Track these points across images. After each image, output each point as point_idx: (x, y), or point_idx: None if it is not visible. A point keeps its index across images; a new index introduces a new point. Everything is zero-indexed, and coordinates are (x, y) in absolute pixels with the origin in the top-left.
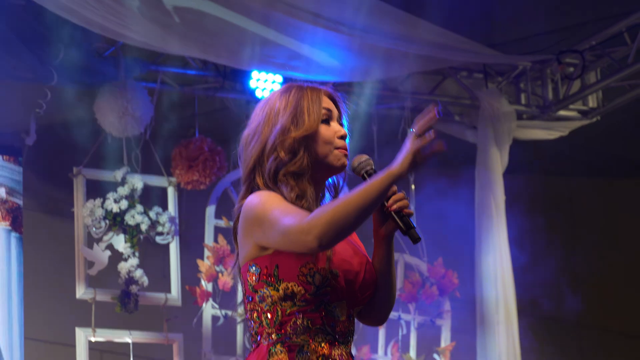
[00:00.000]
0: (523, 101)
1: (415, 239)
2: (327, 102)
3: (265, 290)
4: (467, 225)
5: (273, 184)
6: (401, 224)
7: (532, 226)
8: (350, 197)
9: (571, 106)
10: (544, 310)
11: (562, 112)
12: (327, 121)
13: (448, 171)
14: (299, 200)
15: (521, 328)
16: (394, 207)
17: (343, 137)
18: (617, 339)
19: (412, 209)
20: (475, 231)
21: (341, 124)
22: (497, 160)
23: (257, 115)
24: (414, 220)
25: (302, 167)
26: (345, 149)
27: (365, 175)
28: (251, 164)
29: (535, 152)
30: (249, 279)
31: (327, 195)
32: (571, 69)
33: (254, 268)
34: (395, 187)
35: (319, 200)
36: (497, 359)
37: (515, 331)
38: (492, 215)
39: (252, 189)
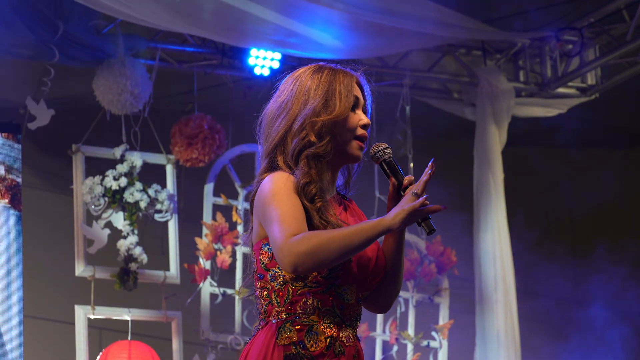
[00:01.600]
0: (522, 78)
1: (431, 230)
2: (356, 90)
3: (277, 270)
4: (465, 203)
5: (294, 164)
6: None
7: (531, 204)
8: (336, 236)
9: (570, 83)
10: (543, 288)
11: (560, 90)
12: (353, 108)
13: (447, 148)
14: (307, 186)
15: (520, 306)
16: (426, 211)
17: (365, 127)
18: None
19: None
20: (474, 209)
21: (365, 112)
22: (496, 138)
23: (285, 90)
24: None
25: (326, 150)
26: (365, 140)
27: (383, 163)
28: (275, 141)
29: (534, 128)
30: (261, 257)
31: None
32: (570, 46)
33: (267, 247)
34: (412, 177)
35: (334, 182)
36: (496, 337)
37: (514, 309)
38: (490, 192)
39: (272, 165)
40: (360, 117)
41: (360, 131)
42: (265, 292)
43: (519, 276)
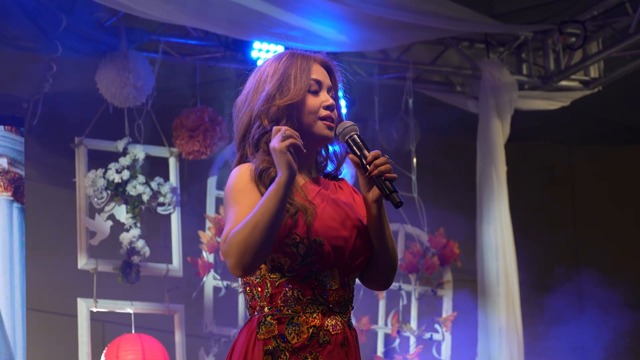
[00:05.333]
0: (525, 71)
1: (397, 203)
2: (318, 72)
3: None
4: (468, 196)
5: (256, 152)
6: (383, 188)
7: (533, 196)
8: (253, 219)
9: (573, 76)
10: (545, 280)
11: (563, 83)
12: (315, 92)
13: (449, 141)
14: (264, 172)
15: (522, 299)
16: (374, 172)
17: (329, 108)
18: (617, 310)
19: (413, 177)
20: (477, 201)
21: (334, 94)
22: (499, 131)
23: (249, 82)
24: (396, 184)
25: None
26: (331, 120)
27: (350, 141)
28: (242, 132)
29: (537, 121)
30: None
31: (330, 165)
32: (573, 39)
33: None
34: (378, 152)
35: (312, 168)
36: (498, 329)
37: (516, 302)
38: (493, 185)
39: (242, 157)
40: (323, 99)
41: (323, 112)
42: (247, 288)
43: (522, 269)
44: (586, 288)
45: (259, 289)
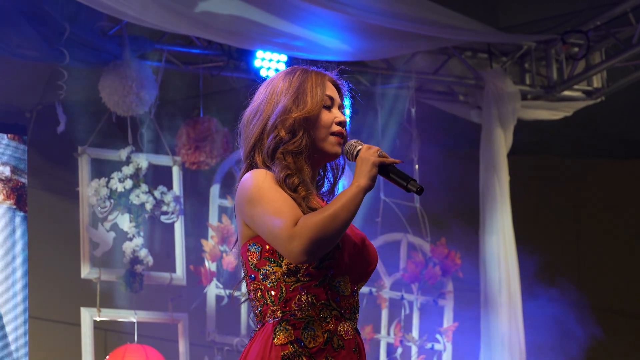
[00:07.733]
0: (527, 81)
1: (418, 189)
2: (330, 89)
3: (268, 267)
4: (471, 206)
5: (270, 161)
6: (399, 181)
7: (536, 207)
8: (332, 211)
9: (576, 86)
10: (548, 291)
11: (566, 93)
12: (328, 107)
13: (452, 151)
14: (288, 178)
15: (525, 309)
16: (388, 161)
17: (341, 124)
18: (620, 319)
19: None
20: (479, 211)
21: (342, 111)
22: (502, 141)
23: (260, 95)
24: (397, 193)
25: (300, 147)
26: (342, 136)
27: (357, 154)
28: (252, 142)
29: (540, 132)
30: (249, 258)
31: (326, 183)
32: (576, 49)
33: (254, 247)
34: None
35: (315, 180)
36: (500, 340)
37: (518, 312)
38: (496, 195)
39: (251, 166)
40: (336, 115)
41: (335, 128)
42: (259, 293)
43: (524, 279)
44: (588, 298)
45: (273, 293)
